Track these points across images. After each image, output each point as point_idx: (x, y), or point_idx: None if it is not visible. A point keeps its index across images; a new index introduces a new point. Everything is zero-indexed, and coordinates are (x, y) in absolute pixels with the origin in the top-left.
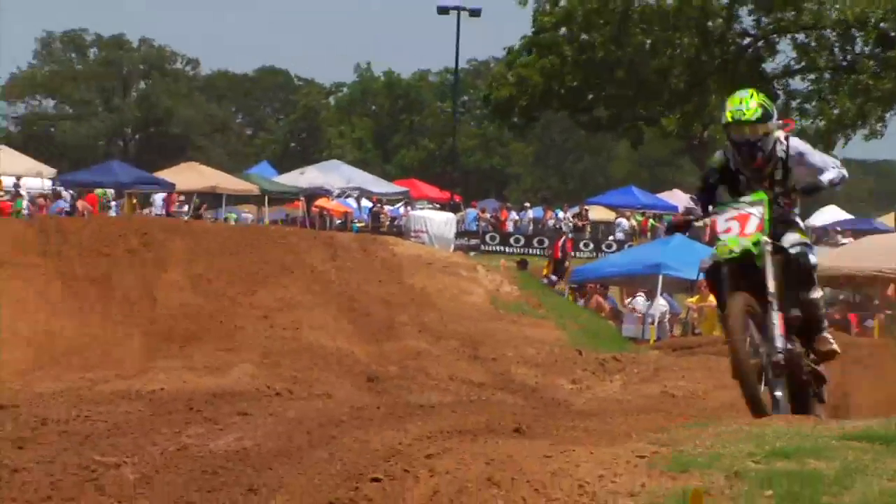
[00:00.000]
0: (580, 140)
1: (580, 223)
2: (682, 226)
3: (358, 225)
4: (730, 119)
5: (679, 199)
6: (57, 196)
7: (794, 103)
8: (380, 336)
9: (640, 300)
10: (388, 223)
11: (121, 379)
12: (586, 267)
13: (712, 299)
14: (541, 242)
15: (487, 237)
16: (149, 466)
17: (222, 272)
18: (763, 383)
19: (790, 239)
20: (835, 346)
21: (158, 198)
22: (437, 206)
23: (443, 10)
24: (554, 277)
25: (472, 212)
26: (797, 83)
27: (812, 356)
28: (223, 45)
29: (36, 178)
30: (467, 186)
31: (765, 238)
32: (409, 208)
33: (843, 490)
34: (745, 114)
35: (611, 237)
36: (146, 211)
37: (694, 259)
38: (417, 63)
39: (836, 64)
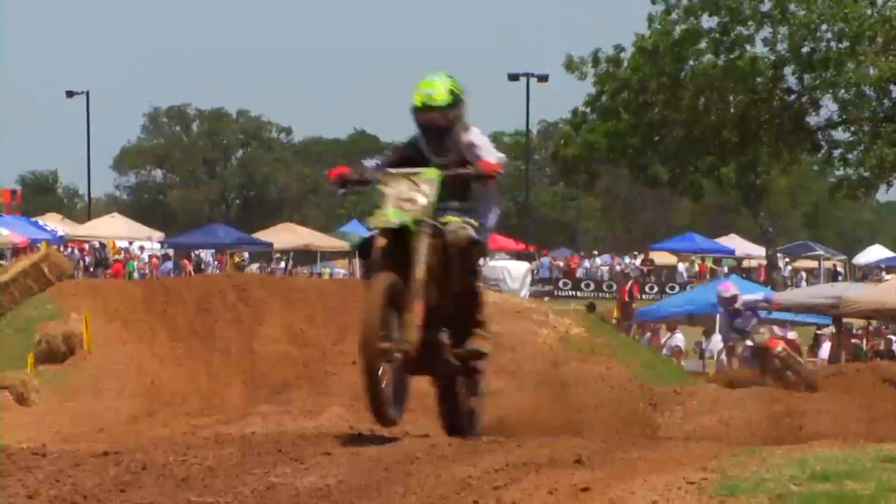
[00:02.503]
0: (644, 192)
1: (646, 268)
2: (354, 183)
3: None
4: (419, 104)
5: (736, 242)
6: (166, 258)
7: (836, 153)
8: None
9: (678, 336)
10: None
11: (222, 424)
12: (650, 308)
13: None
14: (610, 287)
15: (560, 283)
16: None
17: (313, 323)
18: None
19: (453, 223)
20: (485, 348)
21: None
22: (514, 256)
23: (513, 77)
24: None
25: (546, 260)
26: (839, 134)
27: (463, 349)
28: (314, 114)
29: (146, 241)
30: (541, 238)
31: (426, 219)
32: (487, 259)
33: None
34: (435, 99)
35: (674, 280)
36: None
37: None
38: (492, 125)
39: (875, 115)
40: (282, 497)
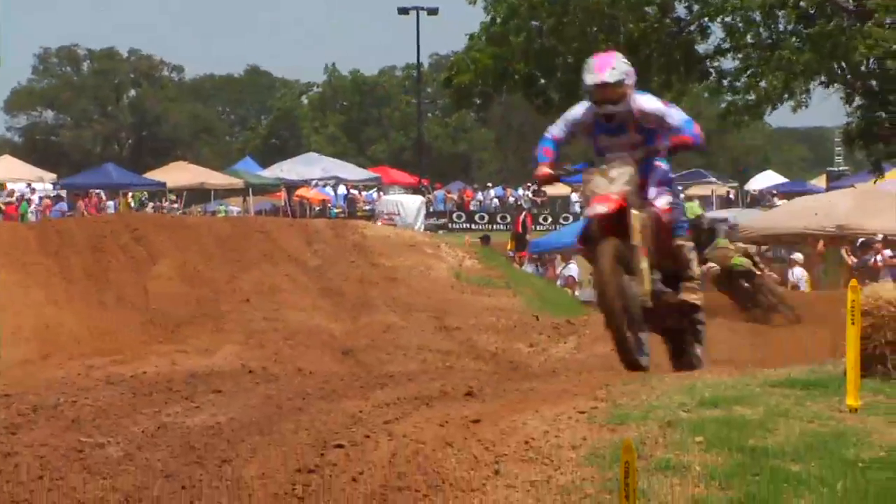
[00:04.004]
0: (537, 123)
1: (539, 199)
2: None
3: (336, 211)
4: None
5: None
6: (58, 199)
7: (725, 81)
8: (354, 312)
9: (572, 267)
10: (363, 208)
11: (117, 365)
12: (542, 239)
13: None
14: (504, 219)
15: (454, 216)
16: (131, 444)
17: (207, 262)
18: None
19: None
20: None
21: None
22: (409, 190)
23: (402, 11)
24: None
25: (440, 193)
26: (728, 62)
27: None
28: (206, 51)
29: (38, 182)
30: (436, 171)
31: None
32: (381, 193)
33: (767, 433)
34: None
35: (568, 211)
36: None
37: None
38: (383, 61)
39: (762, 42)
40: (173, 436)
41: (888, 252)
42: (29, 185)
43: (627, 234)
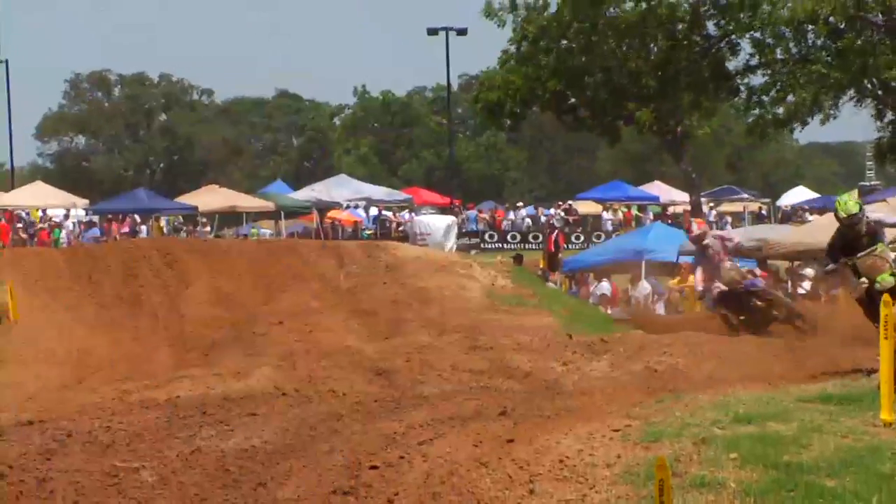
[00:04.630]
0: (568, 143)
1: (570, 218)
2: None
3: (367, 232)
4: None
5: (661, 189)
6: (91, 224)
7: (754, 97)
8: (387, 333)
9: (605, 285)
10: (395, 229)
11: (151, 389)
12: (576, 258)
13: (692, 280)
14: (535, 238)
15: (486, 236)
16: (166, 469)
17: (240, 285)
18: None
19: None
20: None
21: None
22: (437, 209)
23: (432, 32)
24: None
25: (472, 213)
26: (757, 78)
27: None
28: (235, 74)
29: (71, 208)
30: (467, 191)
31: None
32: (412, 214)
33: (801, 449)
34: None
35: (600, 229)
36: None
37: (674, 244)
38: (413, 81)
39: (792, 57)
40: (207, 459)
41: None
42: (66, 211)
43: None
